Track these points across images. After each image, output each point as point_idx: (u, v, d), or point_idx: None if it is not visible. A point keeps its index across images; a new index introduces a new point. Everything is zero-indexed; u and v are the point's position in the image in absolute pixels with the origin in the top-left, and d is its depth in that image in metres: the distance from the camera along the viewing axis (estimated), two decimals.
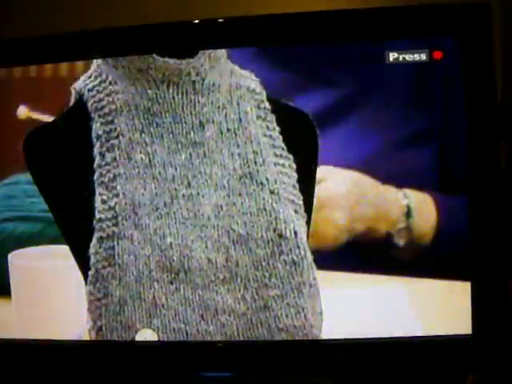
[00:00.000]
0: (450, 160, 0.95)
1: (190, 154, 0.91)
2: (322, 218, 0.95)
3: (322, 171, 0.93)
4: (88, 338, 0.94)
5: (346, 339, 0.95)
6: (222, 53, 0.92)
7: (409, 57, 0.94)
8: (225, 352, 0.94)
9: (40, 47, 1.00)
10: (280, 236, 0.89)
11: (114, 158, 0.91)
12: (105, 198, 0.91)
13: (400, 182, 0.94)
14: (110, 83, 0.92)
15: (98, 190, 0.91)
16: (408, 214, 0.95)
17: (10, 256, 0.99)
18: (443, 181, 0.95)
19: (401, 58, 0.94)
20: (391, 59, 0.94)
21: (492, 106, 0.92)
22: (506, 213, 0.93)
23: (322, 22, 0.95)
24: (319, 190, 0.94)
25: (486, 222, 0.91)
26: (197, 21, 0.96)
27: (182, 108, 0.91)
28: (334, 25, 0.95)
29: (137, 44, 0.95)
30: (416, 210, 0.95)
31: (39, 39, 1.00)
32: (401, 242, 0.95)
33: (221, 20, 0.96)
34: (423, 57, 0.93)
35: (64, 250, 0.94)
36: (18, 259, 0.99)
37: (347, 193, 0.95)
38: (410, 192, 0.95)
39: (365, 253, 0.95)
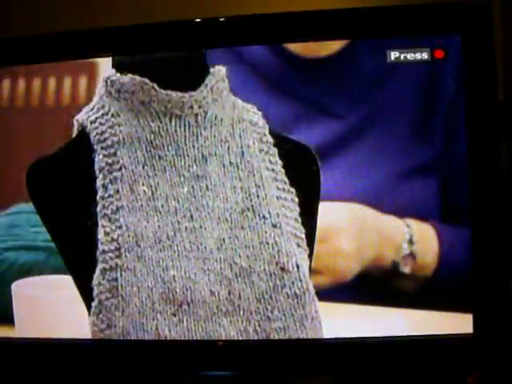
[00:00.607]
0: (451, 191, 0.95)
1: (193, 187, 0.91)
2: (331, 248, 0.95)
3: (324, 204, 0.93)
4: None
5: (345, 338, 0.96)
6: (225, 86, 0.92)
7: (410, 56, 0.94)
8: (225, 351, 0.95)
9: (40, 46, 1.02)
10: (282, 269, 0.90)
11: (117, 191, 0.91)
12: (108, 229, 0.91)
13: (401, 212, 0.95)
14: (113, 115, 0.92)
15: (101, 221, 0.91)
16: (410, 241, 0.96)
17: (13, 285, 1.00)
18: (445, 211, 0.95)
19: (402, 58, 0.94)
20: (392, 58, 0.94)
21: (494, 104, 0.92)
22: (507, 213, 0.93)
23: (323, 21, 0.97)
24: (322, 222, 0.94)
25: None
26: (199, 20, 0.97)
27: (185, 141, 0.91)
28: (336, 23, 0.96)
29: (138, 42, 0.96)
30: (418, 238, 0.96)
31: (38, 38, 1.02)
32: (406, 269, 0.96)
33: (222, 19, 0.97)
34: (425, 56, 0.94)
35: (67, 280, 0.94)
36: (21, 288, 1.00)
37: (350, 222, 0.96)
38: (411, 221, 0.96)
39: (370, 284, 0.96)
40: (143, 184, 0.91)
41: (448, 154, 0.95)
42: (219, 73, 0.92)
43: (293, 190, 0.91)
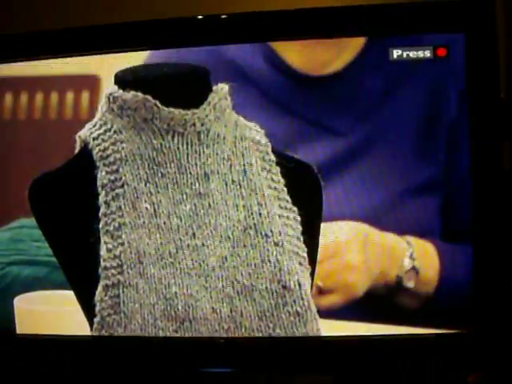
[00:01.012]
0: (452, 209, 0.96)
1: (195, 205, 0.91)
2: (341, 264, 0.96)
3: (327, 223, 0.94)
4: None
5: (346, 337, 0.97)
6: (227, 103, 0.92)
7: (413, 54, 0.94)
8: (226, 349, 0.96)
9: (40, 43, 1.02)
10: (284, 287, 0.90)
11: (120, 207, 0.91)
12: (110, 246, 0.91)
13: (402, 230, 0.96)
14: (115, 132, 0.92)
15: (104, 238, 0.91)
16: (411, 256, 0.96)
17: (15, 299, 1.00)
18: (446, 229, 0.96)
19: (405, 55, 0.94)
20: (395, 56, 0.94)
21: (496, 103, 0.92)
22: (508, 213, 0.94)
23: (325, 18, 0.98)
24: (329, 240, 0.95)
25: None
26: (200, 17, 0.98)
27: (187, 158, 0.91)
28: (341, 20, 0.97)
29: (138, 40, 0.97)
30: (418, 254, 0.97)
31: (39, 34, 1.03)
32: (410, 284, 0.97)
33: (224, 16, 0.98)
34: (427, 54, 0.94)
35: (69, 295, 0.94)
36: (23, 303, 1.00)
37: (355, 238, 0.96)
38: (411, 239, 0.96)
39: (373, 301, 0.96)
40: (145, 201, 0.91)
41: (449, 172, 0.95)
42: (222, 90, 0.92)
43: (295, 208, 0.92)
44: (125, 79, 0.93)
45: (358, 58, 0.97)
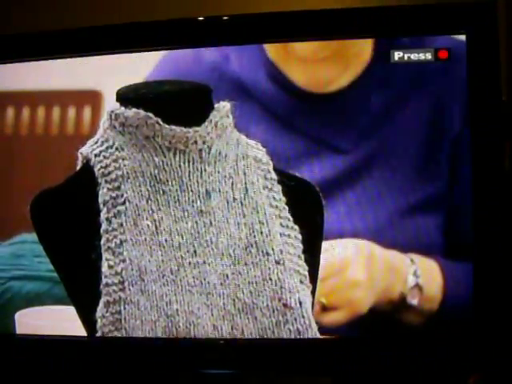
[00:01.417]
0: (455, 227, 0.96)
1: (196, 223, 0.91)
2: (346, 280, 0.96)
3: (331, 241, 0.94)
4: None
5: (346, 337, 0.97)
6: (229, 122, 0.92)
7: (414, 56, 0.94)
8: (226, 350, 0.96)
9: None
10: (285, 305, 0.90)
11: (121, 224, 0.91)
12: (111, 263, 0.91)
13: (405, 247, 0.96)
14: (117, 149, 0.92)
15: (105, 255, 0.91)
16: (415, 273, 0.97)
17: (17, 315, 1.00)
18: (448, 246, 0.96)
19: (406, 58, 0.94)
20: (396, 58, 0.95)
21: (497, 105, 0.92)
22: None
23: (326, 20, 0.98)
24: (333, 257, 0.95)
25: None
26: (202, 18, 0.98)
27: (189, 176, 0.91)
28: (345, 22, 0.97)
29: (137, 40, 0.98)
30: (422, 271, 0.97)
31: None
32: (414, 301, 0.97)
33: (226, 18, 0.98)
34: (428, 56, 0.94)
35: (70, 311, 0.95)
36: (24, 318, 1.00)
37: (357, 255, 0.97)
38: (414, 256, 0.96)
39: (376, 319, 0.96)
40: (147, 218, 0.91)
41: (452, 189, 0.96)
42: (224, 108, 0.92)
43: (296, 227, 0.92)
44: (127, 96, 0.93)
45: (362, 75, 0.98)
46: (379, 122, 0.96)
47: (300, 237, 0.92)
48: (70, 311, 0.94)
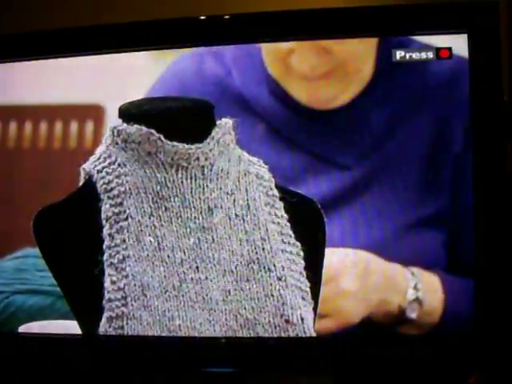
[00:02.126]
0: (457, 241, 0.96)
1: (199, 239, 0.91)
2: (336, 289, 0.96)
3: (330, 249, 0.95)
4: None
5: (346, 337, 0.97)
6: (231, 138, 0.93)
7: (415, 55, 0.94)
8: (227, 349, 0.96)
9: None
10: (287, 322, 0.90)
11: (124, 240, 0.92)
12: (114, 278, 0.92)
13: (406, 262, 0.96)
14: (119, 165, 0.93)
15: (108, 270, 0.92)
16: (415, 287, 0.97)
17: (20, 329, 1.01)
18: (450, 261, 0.96)
19: (407, 57, 0.94)
20: (398, 57, 0.95)
21: (499, 105, 0.93)
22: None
23: (328, 19, 0.98)
24: (327, 264, 0.95)
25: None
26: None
27: (191, 193, 0.91)
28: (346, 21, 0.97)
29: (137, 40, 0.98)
30: (423, 285, 0.97)
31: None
32: (413, 315, 0.97)
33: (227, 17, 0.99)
34: (430, 55, 0.94)
35: (73, 325, 0.95)
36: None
37: (355, 265, 0.97)
38: (415, 270, 0.97)
39: (375, 332, 0.97)
40: (149, 234, 0.92)
41: (455, 204, 0.96)
42: (226, 125, 0.93)
43: (298, 243, 0.92)
44: (129, 113, 0.93)
45: (364, 91, 0.98)
46: (382, 138, 0.96)
47: (302, 253, 0.92)
48: (74, 326, 0.95)
